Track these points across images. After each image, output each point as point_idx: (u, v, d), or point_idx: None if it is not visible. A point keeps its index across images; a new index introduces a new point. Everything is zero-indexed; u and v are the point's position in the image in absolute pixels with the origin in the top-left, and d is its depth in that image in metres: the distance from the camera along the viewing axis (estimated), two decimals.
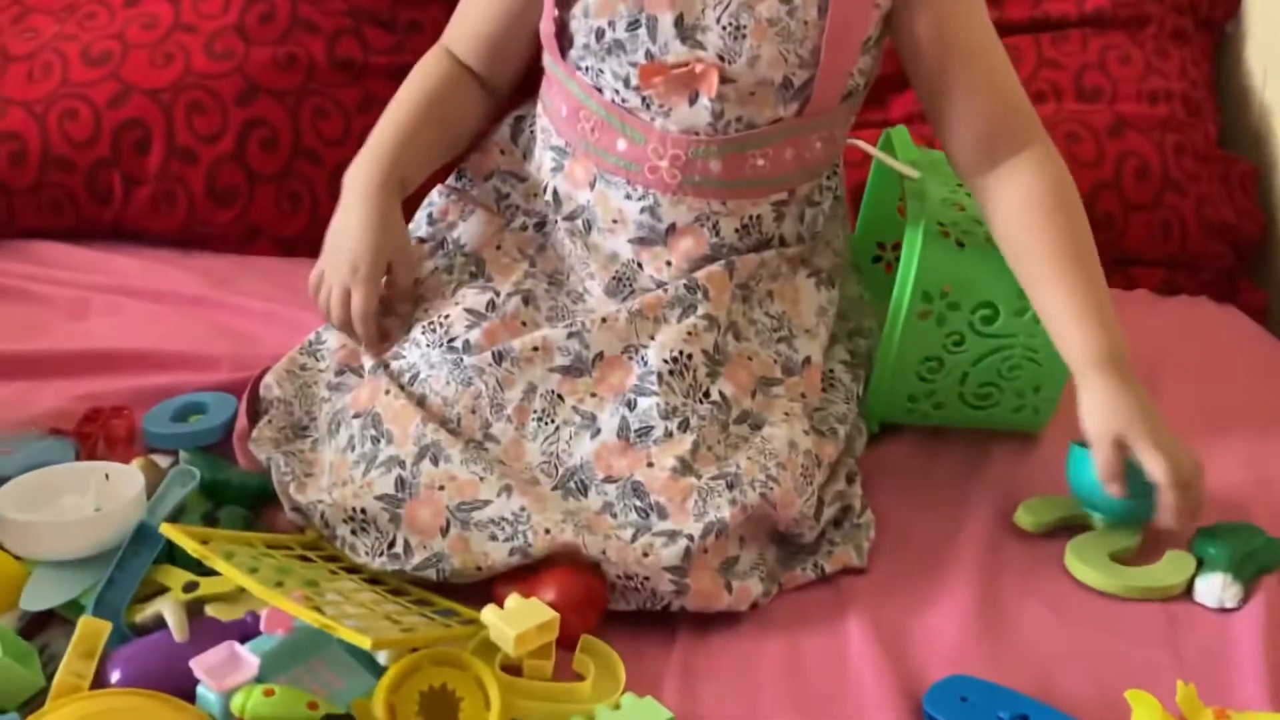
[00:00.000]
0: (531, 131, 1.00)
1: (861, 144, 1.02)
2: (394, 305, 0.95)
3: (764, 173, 0.92)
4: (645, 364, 0.88)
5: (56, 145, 1.17)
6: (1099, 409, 0.84)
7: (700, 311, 0.90)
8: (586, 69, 0.92)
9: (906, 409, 0.97)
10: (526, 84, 1.04)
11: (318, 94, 1.21)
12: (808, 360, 0.93)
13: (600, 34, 0.90)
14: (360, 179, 0.96)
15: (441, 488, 0.82)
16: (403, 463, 0.84)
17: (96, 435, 0.88)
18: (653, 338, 0.89)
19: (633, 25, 0.89)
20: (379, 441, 0.85)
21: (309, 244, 1.20)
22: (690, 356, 0.88)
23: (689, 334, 0.89)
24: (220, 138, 1.18)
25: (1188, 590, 0.84)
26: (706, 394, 0.88)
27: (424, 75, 0.99)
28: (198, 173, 1.18)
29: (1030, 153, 0.91)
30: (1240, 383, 1.08)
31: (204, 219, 1.19)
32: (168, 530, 0.74)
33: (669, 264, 0.93)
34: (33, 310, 1.07)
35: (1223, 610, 0.83)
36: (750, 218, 0.93)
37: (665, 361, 0.87)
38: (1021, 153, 0.91)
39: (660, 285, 0.93)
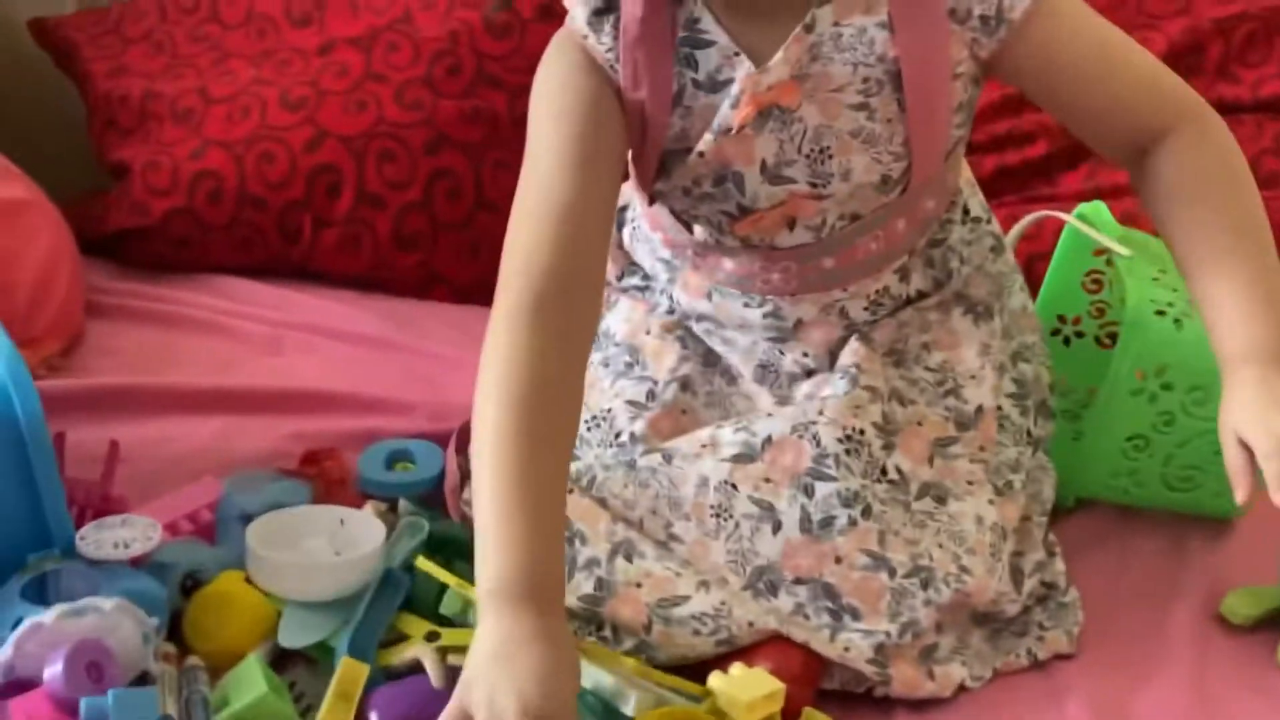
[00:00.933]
0: (635, 228, 0.97)
1: (1068, 218, 1.02)
2: None
3: (878, 252, 0.90)
4: (819, 444, 0.85)
5: (253, 185, 1.20)
6: (1239, 405, 0.75)
7: (862, 383, 0.88)
8: (678, 212, 0.90)
9: (1106, 485, 0.97)
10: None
11: (500, 147, 1.24)
12: (980, 409, 0.90)
13: (688, 190, 0.87)
14: (508, 579, 0.70)
15: (639, 585, 0.82)
16: (599, 562, 0.82)
17: (316, 477, 0.90)
18: (822, 414, 0.86)
19: (719, 181, 0.85)
20: (573, 543, 0.83)
21: (483, 291, 1.23)
22: (863, 432, 0.86)
23: (856, 407, 0.87)
24: (408, 185, 1.21)
25: None
26: (884, 471, 0.87)
27: (519, 383, 0.75)
28: (385, 218, 1.21)
29: (1185, 130, 0.83)
30: None
31: (388, 263, 1.22)
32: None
33: (806, 355, 0.92)
34: (230, 345, 1.10)
35: None
36: (875, 292, 0.91)
37: (839, 440, 0.85)
38: (1176, 132, 0.83)
39: (804, 374, 0.92)
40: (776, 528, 0.84)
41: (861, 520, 0.83)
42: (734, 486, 0.84)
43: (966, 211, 0.95)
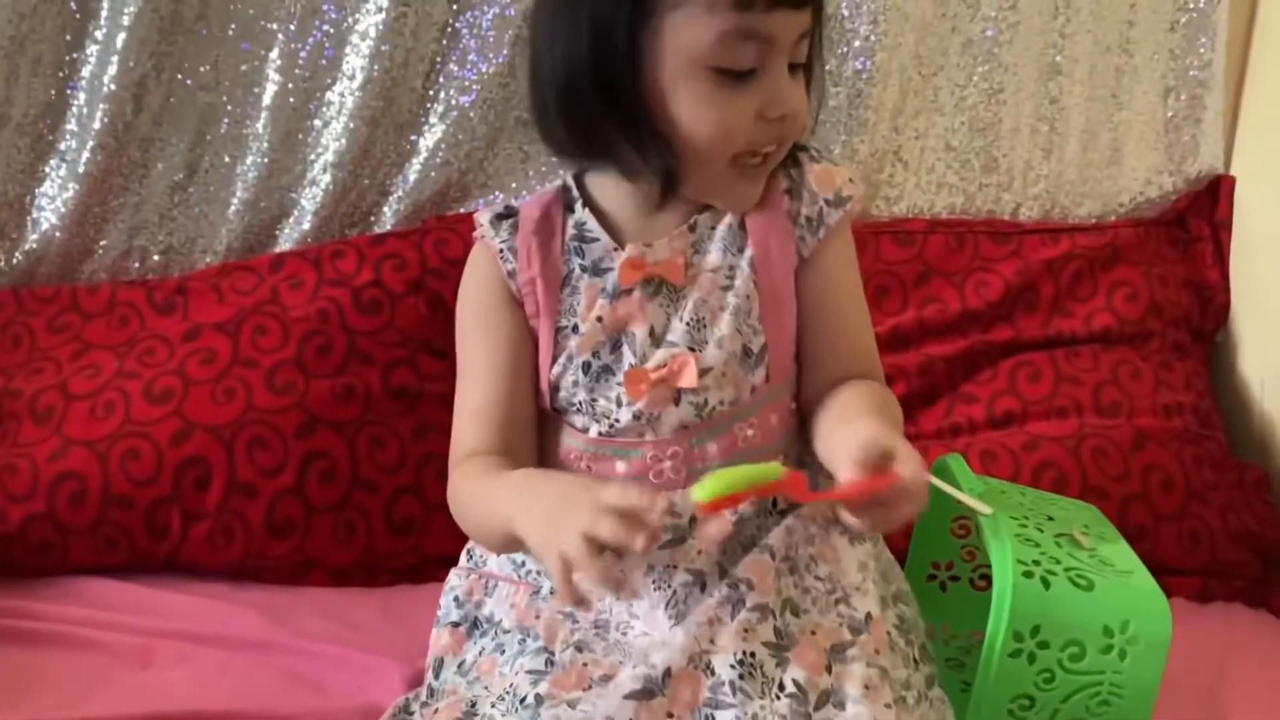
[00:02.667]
0: None
1: (930, 478, 1.06)
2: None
3: (756, 441, 0.97)
4: (713, 673, 0.88)
5: (117, 484, 1.17)
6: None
7: (750, 604, 0.91)
8: (575, 409, 0.97)
9: None
10: None
11: (375, 424, 1.24)
12: (869, 616, 0.93)
13: (586, 367, 0.96)
14: (520, 488, 0.89)
15: None
16: None
17: None
18: (713, 642, 0.89)
19: (614, 347, 0.96)
20: None
21: (361, 573, 1.22)
22: (754, 654, 0.89)
23: (745, 630, 0.90)
24: (281, 471, 1.20)
25: None
26: (782, 686, 0.88)
27: (472, 473, 0.96)
28: (257, 507, 1.18)
29: (867, 380, 1.00)
30: None
31: (260, 552, 1.19)
32: None
33: (700, 554, 0.95)
34: (96, 660, 1.04)
35: None
36: None
37: (732, 666, 0.87)
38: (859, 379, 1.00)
39: (695, 580, 0.93)
40: None
41: None
42: None
43: None
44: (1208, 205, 1.51)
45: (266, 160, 1.38)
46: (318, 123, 1.39)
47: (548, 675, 0.90)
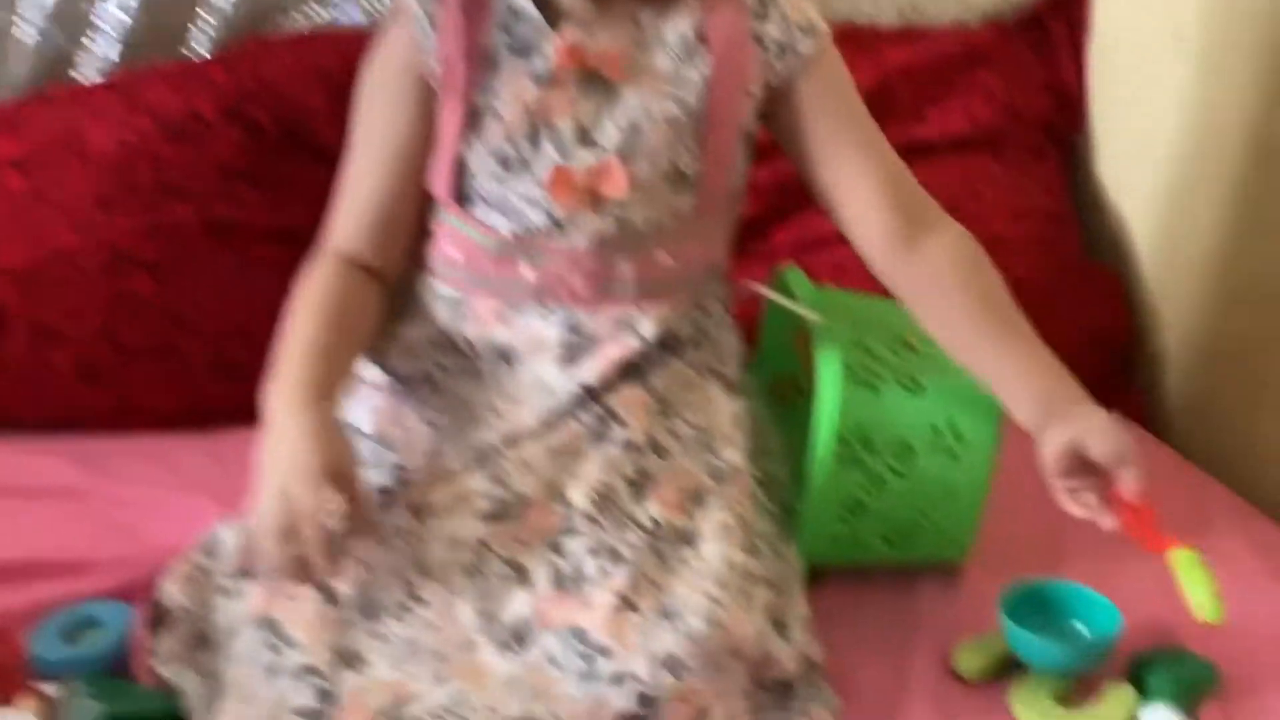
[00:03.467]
0: (410, 296, 0.96)
1: (759, 288, 1.03)
2: (351, 518, 0.81)
3: (673, 273, 0.93)
4: (569, 504, 0.87)
5: None
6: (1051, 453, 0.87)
7: (618, 439, 0.89)
8: (484, 201, 0.91)
9: (831, 552, 0.96)
10: None
11: (191, 261, 1.17)
12: (734, 468, 0.92)
13: (500, 155, 0.90)
14: (284, 396, 0.85)
15: (368, 692, 0.78)
16: (318, 671, 0.79)
17: None
18: (573, 474, 0.88)
19: (534, 139, 0.89)
20: (282, 650, 0.80)
21: (190, 419, 1.16)
22: (613, 488, 0.87)
23: (608, 463, 0.88)
24: (87, 315, 1.12)
25: None
26: (637, 520, 0.87)
27: (318, 287, 0.91)
28: (65, 354, 1.12)
29: (940, 234, 0.93)
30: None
31: (74, 401, 1.12)
32: None
33: (594, 371, 0.91)
34: None
35: None
36: (665, 319, 0.93)
37: (589, 497, 0.86)
38: (933, 235, 0.93)
39: (583, 393, 0.90)
40: (528, 586, 0.84)
41: (612, 568, 0.83)
42: (486, 547, 0.84)
43: (726, 307, 1.00)
44: (1066, 5, 1.46)
45: None
46: None
47: (401, 495, 0.87)
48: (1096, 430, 0.87)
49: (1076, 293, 1.32)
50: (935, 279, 0.92)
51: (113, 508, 1.01)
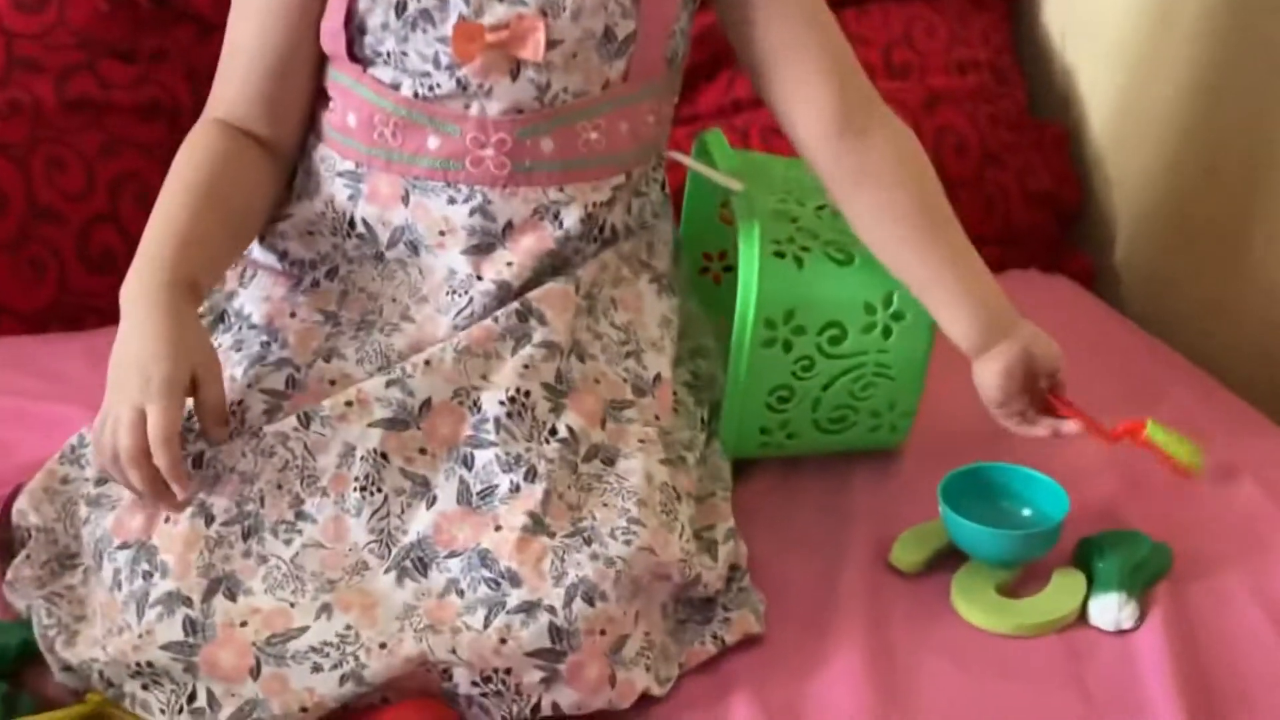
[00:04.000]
0: (305, 170, 0.87)
1: (677, 155, 0.93)
2: (206, 429, 0.77)
3: (600, 149, 0.83)
4: (479, 410, 0.78)
5: None
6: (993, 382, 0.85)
7: (537, 339, 0.80)
8: (383, 60, 0.81)
9: (760, 443, 0.89)
10: None
11: (50, 142, 1.05)
12: (658, 377, 0.84)
13: (401, 7, 0.79)
14: (140, 288, 0.77)
15: (244, 624, 0.70)
16: (188, 600, 0.71)
17: None
18: (485, 378, 0.79)
19: None
20: (150, 576, 0.72)
21: (59, 317, 1.06)
22: (529, 394, 0.78)
23: (525, 368, 0.79)
24: None
25: (1081, 612, 0.79)
26: (553, 431, 0.78)
27: (195, 156, 0.82)
28: None
29: (882, 127, 0.87)
30: (1092, 365, 1.05)
31: None
32: None
33: (510, 265, 0.82)
34: None
35: (1121, 632, 0.78)
36: (592, 205, 0.84)
37: (501, 403, 0.77)
38: (874, 127, 0.86)
39: (499, 292, 0.82)
40: (431, 502, 0.76)
41: (525, 484, 0.75)
42: (384, 457, 0.76)
43: (664, 191, 0.92)
44: None
45: None
46: None
47: (286, 400, 0.78)
48: (1040, 340, 0.84)
49: (1022, 151, 1.24)
50: (876, 172, 0.85)
51: None
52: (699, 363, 0.92)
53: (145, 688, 0.70)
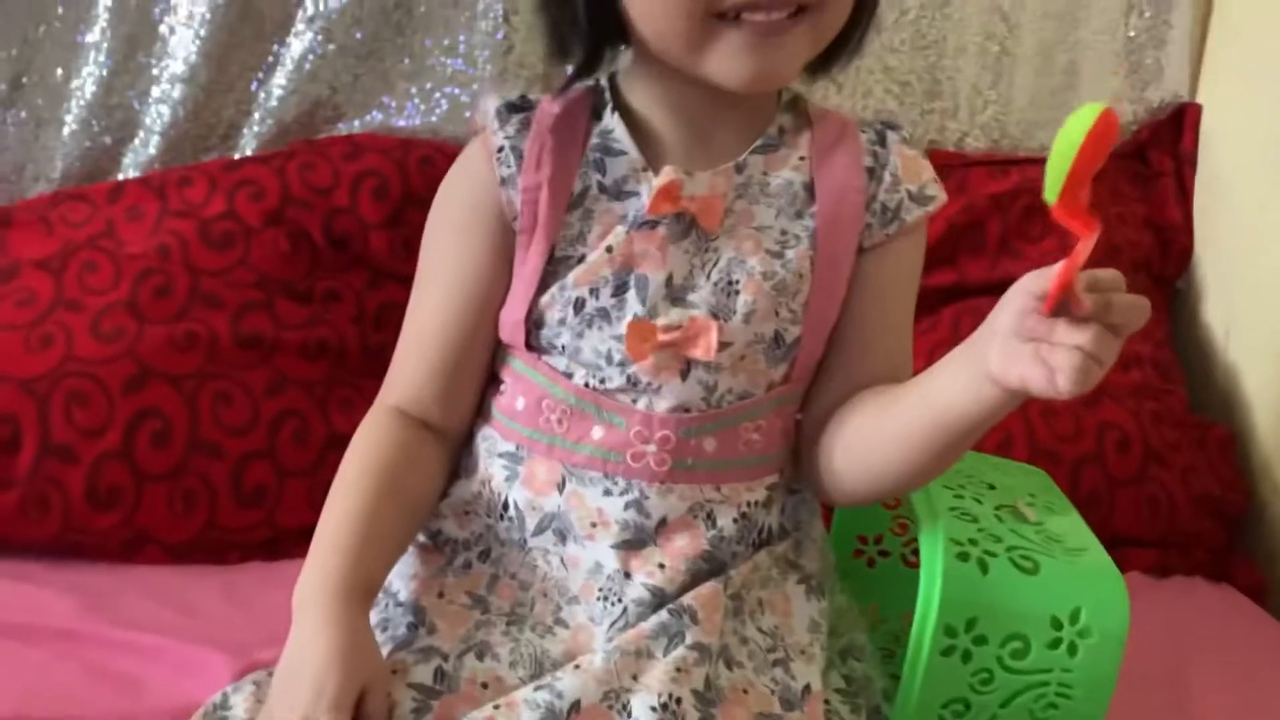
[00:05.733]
0: (466, 450, 0.87)
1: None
2: None
3: (758, 449, 0.82)
4: (629, 715, 0.73)
5: None
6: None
7: (689, 640, 0.77)
8: (558, 351, 0.81)
9: None
10: None
11: (220, 378, 1.07)
12: (808, 688, 0.80)
13: (580, 305, 0.80)
14: (315, 593, 0.75)
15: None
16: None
17: None
18: (636, 678, 0.75)
19: (619, 289, 0.80)
20: None
21: (204, 550, 1.05)
22: (680, 701, 0.74)
23: (678, 670, 0.75)
24: (104, 432, 1.03)
25: None
26: None
27: (372, 445, 0.81)
28: (76, 474, 1.02)
29: None
30: (1256, 688, 0.98)
31: (82, 526, 1.02)
32: None
33: (661, 567, 0.80)
34: None
35: None
36: (747, 504, 0.82)
37: (653, 709, 0.73)
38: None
39: (653, 599, 0.79)
40: None
41: None
42: None
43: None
44: (1171, 136, 1.37)
45: (104, 72, 1.20)
46: (164, 28, 1.20)
47: (436, 700, 0.75)
48: (1000, 311, 0.74)
49: (1186, 451, 1.20)
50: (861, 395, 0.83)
51: (112, 654, 0.90)
52: (852, 664, 0.87)
53: None
